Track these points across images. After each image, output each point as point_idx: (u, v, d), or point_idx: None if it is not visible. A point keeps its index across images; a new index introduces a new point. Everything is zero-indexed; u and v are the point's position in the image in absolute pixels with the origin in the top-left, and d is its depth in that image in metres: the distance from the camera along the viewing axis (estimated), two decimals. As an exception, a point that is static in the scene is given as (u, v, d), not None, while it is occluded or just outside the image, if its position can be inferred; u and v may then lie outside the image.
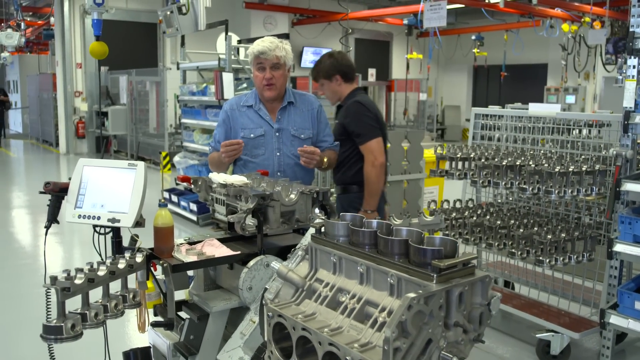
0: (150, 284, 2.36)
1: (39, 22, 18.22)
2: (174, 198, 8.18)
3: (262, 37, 3.27)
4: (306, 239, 2.27)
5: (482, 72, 20.69)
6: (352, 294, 1.55)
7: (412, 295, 1.31)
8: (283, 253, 2.29)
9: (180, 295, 2.46)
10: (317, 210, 2.43)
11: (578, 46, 14.44)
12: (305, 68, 17.87)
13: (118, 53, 14.09)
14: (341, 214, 1.80)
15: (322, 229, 1.75)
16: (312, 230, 2.24)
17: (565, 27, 13.73)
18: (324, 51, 3.14)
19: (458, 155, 3.91)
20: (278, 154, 3.16)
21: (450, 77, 22.52)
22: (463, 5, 14.47)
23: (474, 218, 4.03)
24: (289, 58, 3.14)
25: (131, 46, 15.56)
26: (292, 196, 2.37)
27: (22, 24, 12.24)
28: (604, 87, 16.44)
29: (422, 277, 1.41)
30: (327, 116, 3.45)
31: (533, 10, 14.22)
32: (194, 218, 7.65)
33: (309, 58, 18.57)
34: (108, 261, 2.03)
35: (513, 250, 3.69)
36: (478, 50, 17.95)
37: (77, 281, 1.84)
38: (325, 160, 3.14)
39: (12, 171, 13.61)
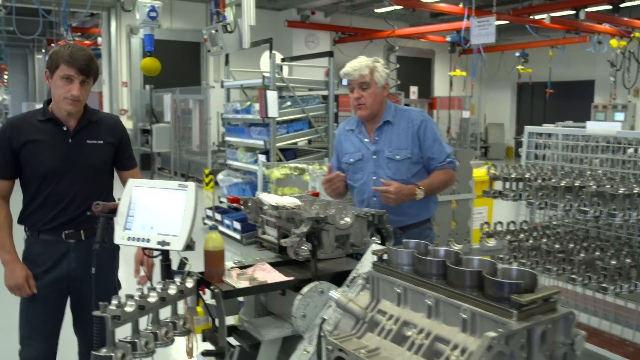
0: (199, 308, 2.29)
1: (87, 42, 18.67)
2: (218, 216, 8.17)
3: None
4: (362, 265, 2.16)
5: (527, 89, 20.32)
6: (420, 329, 1.44)
7: (492, 334, 1.19)
8: (337, 279, 2.19)
9: (228, 320, 2.38)
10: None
11: (627, 62, 14.03)
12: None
13: (162, 72, 14.27)
14: (404, 240, 1.69)
15: (384, 256, 1.64)
16: (368, 256, 2.15)
17: (613, 42, 13.39)
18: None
19: (512, 176, 3.75)
20: (374, 177, 3.01)
21: (494, 94, 22.17)
22: (507, 22, 14.25)
23: (530, 241, 3.85)
24: (380, 77, 2.99)
25: (175, 65, 15.80)
26: (347, 219, 2.28)
27: (72, 43, 12.52)
28: (655, 104, 15.93)
29: (501, 313, 1.29)
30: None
31: (580, 25, 13.89)
32: (238, 237, 7.61)
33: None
34: (158, 287, 1.96)
35: (573, 275, 3.50)
36: (522, 67, 17.63)
37: (128, 309, 1.77)
38: (419, 190, 2.88)
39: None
